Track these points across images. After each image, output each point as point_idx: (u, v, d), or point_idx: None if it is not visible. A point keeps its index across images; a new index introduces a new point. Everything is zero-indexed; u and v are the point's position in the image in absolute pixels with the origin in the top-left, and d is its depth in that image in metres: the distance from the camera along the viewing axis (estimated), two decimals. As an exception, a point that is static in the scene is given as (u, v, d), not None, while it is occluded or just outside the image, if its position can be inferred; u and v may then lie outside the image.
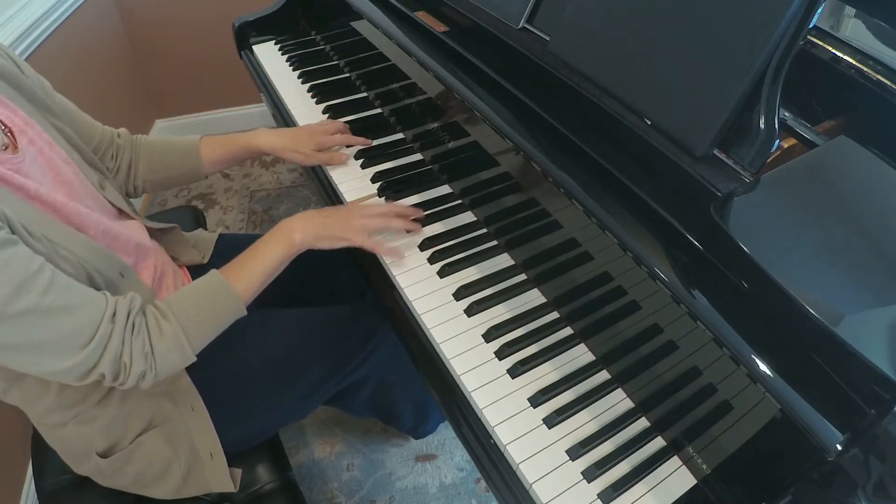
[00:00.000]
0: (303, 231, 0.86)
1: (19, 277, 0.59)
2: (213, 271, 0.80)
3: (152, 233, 0.97)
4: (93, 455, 0.81)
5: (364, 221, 0.91)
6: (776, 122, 0.60)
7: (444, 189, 1.07)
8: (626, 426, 0.73)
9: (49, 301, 0.61)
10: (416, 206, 1.02)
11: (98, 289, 0.69)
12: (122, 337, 0.67)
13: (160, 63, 2.29)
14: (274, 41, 1.55)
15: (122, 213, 0.87)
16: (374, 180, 1.09)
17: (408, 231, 0.97)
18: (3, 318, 0.58)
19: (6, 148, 0.69)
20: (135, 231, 0.87)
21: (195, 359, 0.75)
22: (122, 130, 1.00)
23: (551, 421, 0.73)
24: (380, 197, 1.06)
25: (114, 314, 0.67)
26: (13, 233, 0.61)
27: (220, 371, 0.90)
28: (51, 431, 0.82)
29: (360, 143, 1.15)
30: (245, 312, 0.81)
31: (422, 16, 1.05)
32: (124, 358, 0.67)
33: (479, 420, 0.75)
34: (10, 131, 0.71)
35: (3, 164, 0.66)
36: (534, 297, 0.88)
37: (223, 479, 0.85)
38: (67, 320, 0.63)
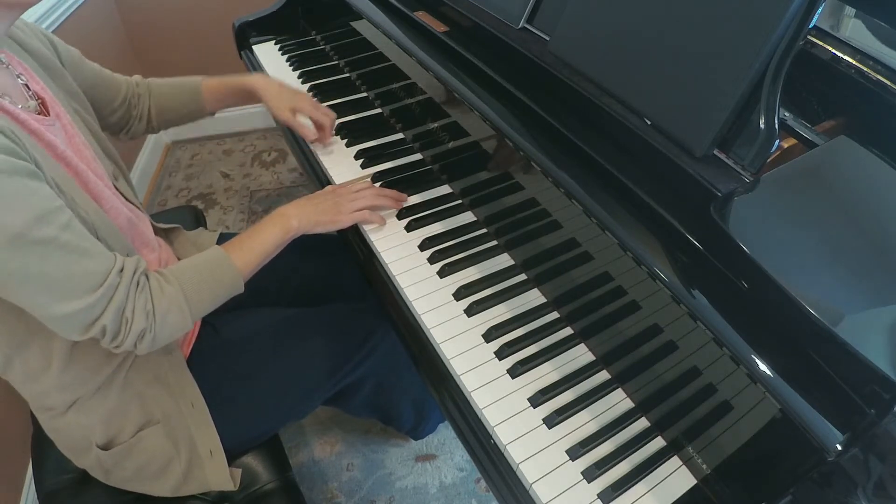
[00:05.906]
0: (298, 217, 0.90)
1: (43, 207, 0.61)
2: (215, 246, 0.83)
3: (156, 231, 0.98)
4: (93, 447, 0.82)
5: (353, 203, 0.96)
6: (776, 122, 0.60)
7: (444, 189, 1.07)
8: (626, 426, 0.73)
9: (67, 238, 0.63)
10: (416, 206, 1.02)
11: None
12: (128, 291, 0.68)
13: (160, 63, 2.29)
14: (274, 41, 1.55)
15: (132, 207, 0.89)
16: (374, 180, 1.09)
17: (394, 208, 1.01)
18: (24, 243, 0.59)
19: (38, 113, 0.73)
20: (142, 222, 0.89)
21: (192, 326, 0.76)
22: (137, 77, 1.07)
23: (551, 421, 0.73)
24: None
25: (121, 269, 0.69)
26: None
27: (220, 370, 0.90)
28: (51, 421, 0.82)
29: (328, 124, 1.16)
30: (242, 289, 0.82)
31: (422, 16, 1.05)
32: (127, 312, 0.68)
33: (479, 420, 0.75)
34: (43, 101, 0.76)
35: (36, 121, 0.70)
36: (534, 297, 0.88)
37: (223, 478, 0.85)
38: (80, 261, 0.64)
